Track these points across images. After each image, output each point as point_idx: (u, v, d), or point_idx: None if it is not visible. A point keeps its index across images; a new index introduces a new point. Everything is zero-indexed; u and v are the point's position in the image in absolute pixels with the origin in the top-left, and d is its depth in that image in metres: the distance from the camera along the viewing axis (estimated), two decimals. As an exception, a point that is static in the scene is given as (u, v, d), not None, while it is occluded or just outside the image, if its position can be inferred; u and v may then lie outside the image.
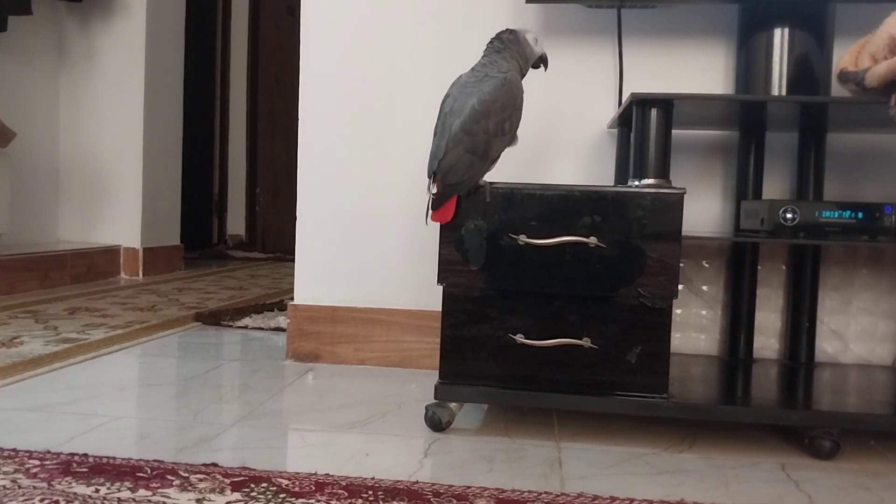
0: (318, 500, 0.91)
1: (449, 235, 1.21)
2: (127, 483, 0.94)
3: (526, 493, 0.96)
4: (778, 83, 1.40)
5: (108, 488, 0.93)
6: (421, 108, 1.62)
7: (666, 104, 1.21)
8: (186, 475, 0.98)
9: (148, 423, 1.23)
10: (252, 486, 0.95)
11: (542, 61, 1.29)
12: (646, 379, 1.17)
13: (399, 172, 1.66)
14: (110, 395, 1.39)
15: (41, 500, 0.88)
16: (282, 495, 0.92)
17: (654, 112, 1.20)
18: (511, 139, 1.21)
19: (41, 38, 3.19)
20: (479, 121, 1.16)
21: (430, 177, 1.20)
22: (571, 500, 0.94)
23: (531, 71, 1.28)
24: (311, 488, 0.95)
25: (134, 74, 3.27)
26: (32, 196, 3.16)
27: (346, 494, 0.93)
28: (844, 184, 1.54)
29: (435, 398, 1.22)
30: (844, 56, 1.29)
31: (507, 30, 1.25)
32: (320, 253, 1.70)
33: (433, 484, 0.98)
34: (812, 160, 1.48)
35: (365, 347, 1.67)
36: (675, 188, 1.17)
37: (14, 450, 1.05)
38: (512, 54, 1.23)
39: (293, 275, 1.71)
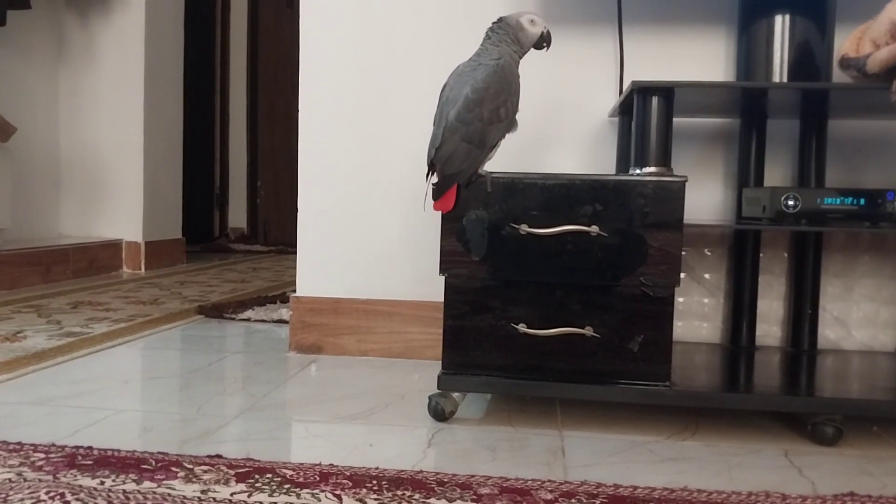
0: (323, 490, 0.91)
1: (450, 226, 1.21)
2: (132, 475, 0.95)
3: (530, 482, 0.96)
4: (779, 70, 1.39)
5: (114, 480, 0.93)
6: (420, 98, 1.62)
7: (667, 92, 1.20)
8: (191, 467, 0.98)
9: (152, 415, 1.24)
10: (256, 476, 0.95)
11: (543, 41, 1.24)
12: (648, 367, 1.17)
13: (400, 163, 1.65)
14: (114, 389, 1.39)
15: (46, 493, 0.88)
16: (286, 486, 0.93)
17: (655, 100, 1.20)
18: (509, 125, 1.21)
19: (40, 32, 3.18)
20: (473, 109, 1.16)
21: (428, 166, 1.20)
22: (575, 489, 0.94)
23: (531, 60, 1.27)
24: (315, 478, 0.95)
25: (134, 68, 3.26)
26: (33, 191, 3.16)
27: (351, 484, 0.93)
28: (846, 170, 1.53)
29: (438, 388, 1.22)
30: (845, 42, 1.29)
31: (497, 18, 1.24)
32: (322, 245, 1.70)
33: (437, 473, 0.98)
34: (813, 147, 1.48)
35: (367, 339, 1.68)
36: (676, 176, 1.17)
37: (19, 443, 1.05)
38: (501, 38, 1.22)
39: (295, 267, 1.72)
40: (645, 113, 1.20)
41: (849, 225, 1.27)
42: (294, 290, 1.72)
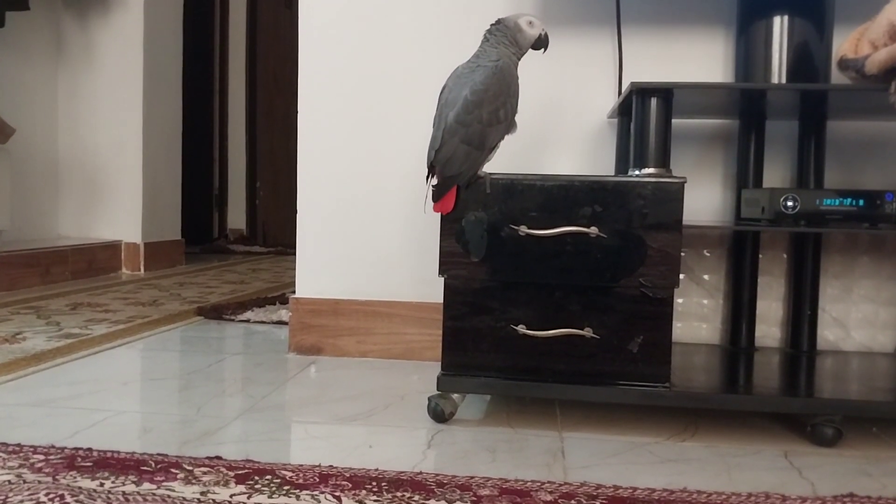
0: (322, 492, 0.91)
1: (450, 227, 1.21)
2: (131, 477, 0.95)
3: (529, 483, 0.96)
4: (777, 71, 1.39)
5: (113, 482, 0.93)
6: (419, 98, 1.62)
7: (666, 93, 1.20)
8: (191, 468, 0.98)
9: (151, 417, 1.24)
10: (256, 478, 0.95)
11: (541, 43, 1.24)
12: (648, 368, 1.17)
13: (399, 163, 1.65)
14: (113, 390, 1.39)
15: (46, 495, 0.88)
16: (286, 487, 0.93)
17: (653, 101, 1.20)
18: (508, 127, 1.21)
19: (39, 33, 3.18)
20: (473, 111, 1.16)
21: (428, 168, 1.20)
22: (574, 490, 0.94)
23: (530, 61, 1.28)
24: (314, 480, 0.95)
25: (132, 69, 3.26)
26: (32, 192, 3.16)
27: (350, 486, 0.93)
28: (845, 171, 1.53)
29: (437, 389, 1.22)
30: (844, 43, 1.29)
31: (496, 20, 1.24)
32: (321, 246, 1.70)
33: (437, 474, 0.98)
34: (812, 148, 1.48)
35: (367, 340, 1.68)
36: (675, 177, 1.17)
37: (18, 445, 1.05)
38: (500, 40, 1.22)
39: (294, 268, 1.72)
40: (644, 114, 1.20)
41: (848, 226, 1.27)
42: (293, 292, 1.72)
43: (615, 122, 1.55)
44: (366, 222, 1.68)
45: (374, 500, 0.89)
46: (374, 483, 0.95)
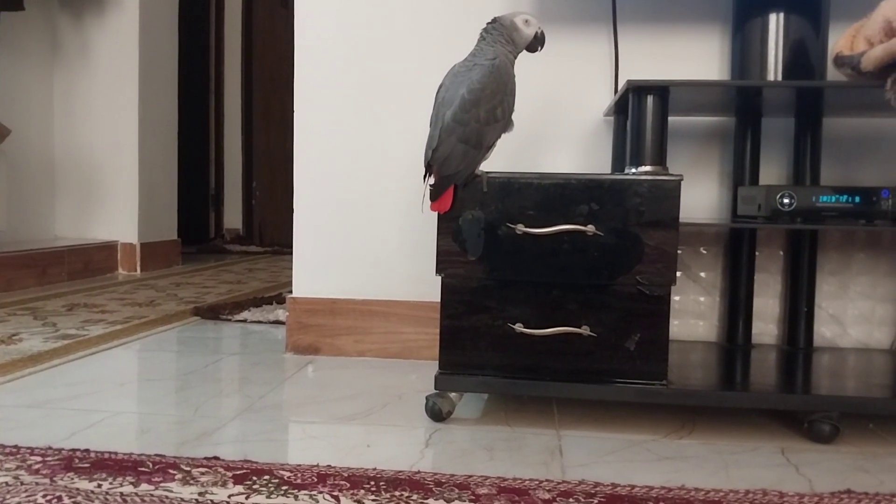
0: (321, 492, 0.91)
1: (447, 226, 1.21)
2: (129, 478, 0.95)
3: (527, 482, 0.96)
4: (773, 68, 1.40)
5: (111, 483, 0.93)
6: (417, 97, 1.62)
7: (662, 91, 1.20)
8: (188, 469, 0.98)
9: (148, 417, 1.23)
10: (254, 478, 0.95)
11: (537, 41, 1.25)
12: (645, 366, 1.17)
13: (396, 163, 1.65)
14: (110, 391, 1.39)
15: (44, 496, 0.88)
16: (284, 487, 0.92)
17: (650, 99, 1.20)
18: (505, 125, 1.21)
19: (34, 33, 3.17)
20: (470, 110, 1.16)
21: (425, 167, 1.20)
22: (573, 488, 0.94)
23: (527, 60, 1.28)
24: (312, 480, 0.95)
25: (128, 69, 3.25)
26: (29, 193, 3.15)
27: (348, 486, 0.93)
28: (841, 168, 1.54)
29: (435, 388, 1.22)
30: (840, 40, 1.29)
31: (492, 19, 1.24)
32: (318, 246, 1.69)
33: (435, 473, 0.98)
34: (808, 145, 1.48)
35: (364, 339, 1.67)
36: (672, 175, 1.17)
37: (15, 446, 1.05)
38: (496, 39, 1.22)
39: (291, 268, 1.71)
40: (640, 112, 1.20)
41: (844, 223, 1.27)
42: (290, 291, 1.72)
43: (612, 120, 1.55)
44: (363, 221, 1.68)
45: (373, 500, 0.89)
46: (373, 482, 0.95)
